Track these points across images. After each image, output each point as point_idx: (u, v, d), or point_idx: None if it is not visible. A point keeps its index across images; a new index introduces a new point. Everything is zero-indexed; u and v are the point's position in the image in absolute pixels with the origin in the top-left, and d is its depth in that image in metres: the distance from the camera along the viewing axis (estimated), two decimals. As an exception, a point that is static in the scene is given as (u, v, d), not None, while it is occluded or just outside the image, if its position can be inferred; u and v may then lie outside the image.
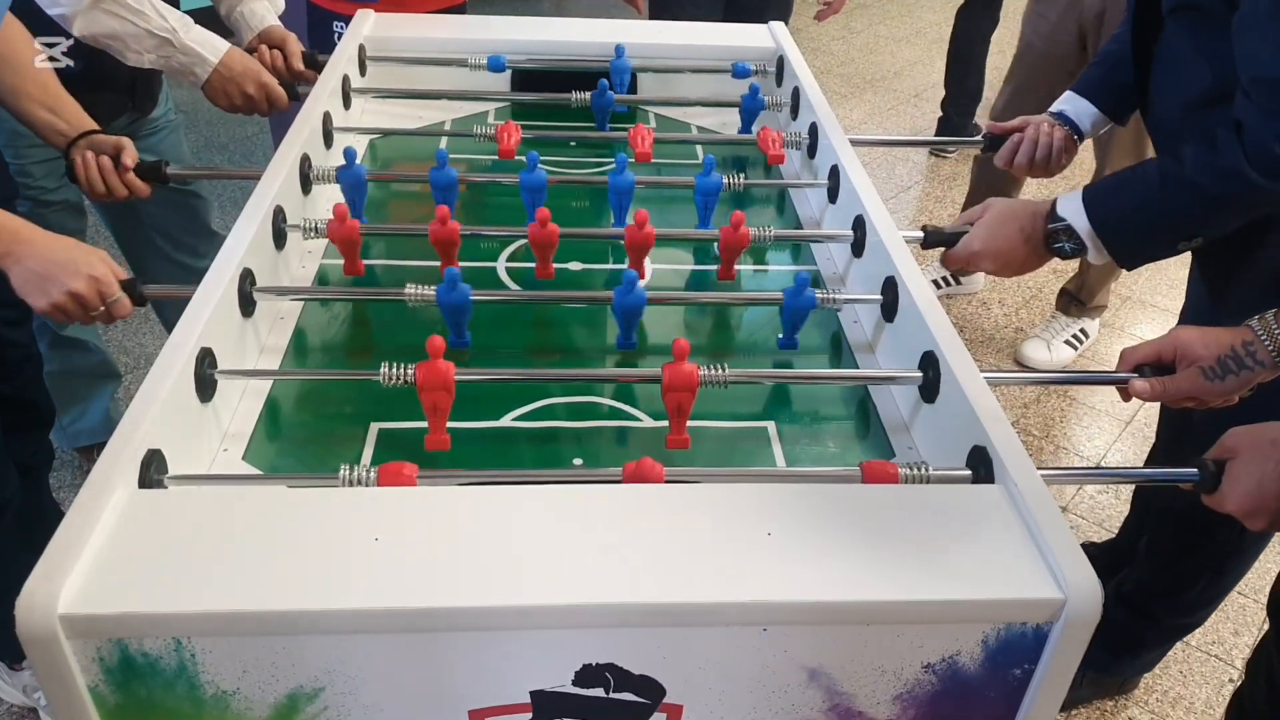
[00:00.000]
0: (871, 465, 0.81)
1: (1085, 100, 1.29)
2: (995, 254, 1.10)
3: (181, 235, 1.68)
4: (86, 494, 0.70)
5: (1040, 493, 0.75)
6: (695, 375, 0.87)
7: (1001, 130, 1.34)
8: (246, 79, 1.37)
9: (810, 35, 4.40)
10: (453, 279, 0.98)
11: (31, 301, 0.96)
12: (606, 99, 1.45)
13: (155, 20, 1.26)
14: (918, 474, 0.81)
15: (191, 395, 0.85)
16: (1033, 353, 2.34)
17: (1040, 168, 1.30)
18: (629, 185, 1.20)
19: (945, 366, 0.90)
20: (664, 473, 0.79)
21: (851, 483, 0.80)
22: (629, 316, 1.03)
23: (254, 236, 1.02)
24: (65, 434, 1.79)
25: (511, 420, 0.96)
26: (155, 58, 1.30)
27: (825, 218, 1.33)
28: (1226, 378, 0.88)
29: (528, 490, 0.73)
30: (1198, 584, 1.38)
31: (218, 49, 1.34)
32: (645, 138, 1.36)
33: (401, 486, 0.76)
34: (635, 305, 1.01)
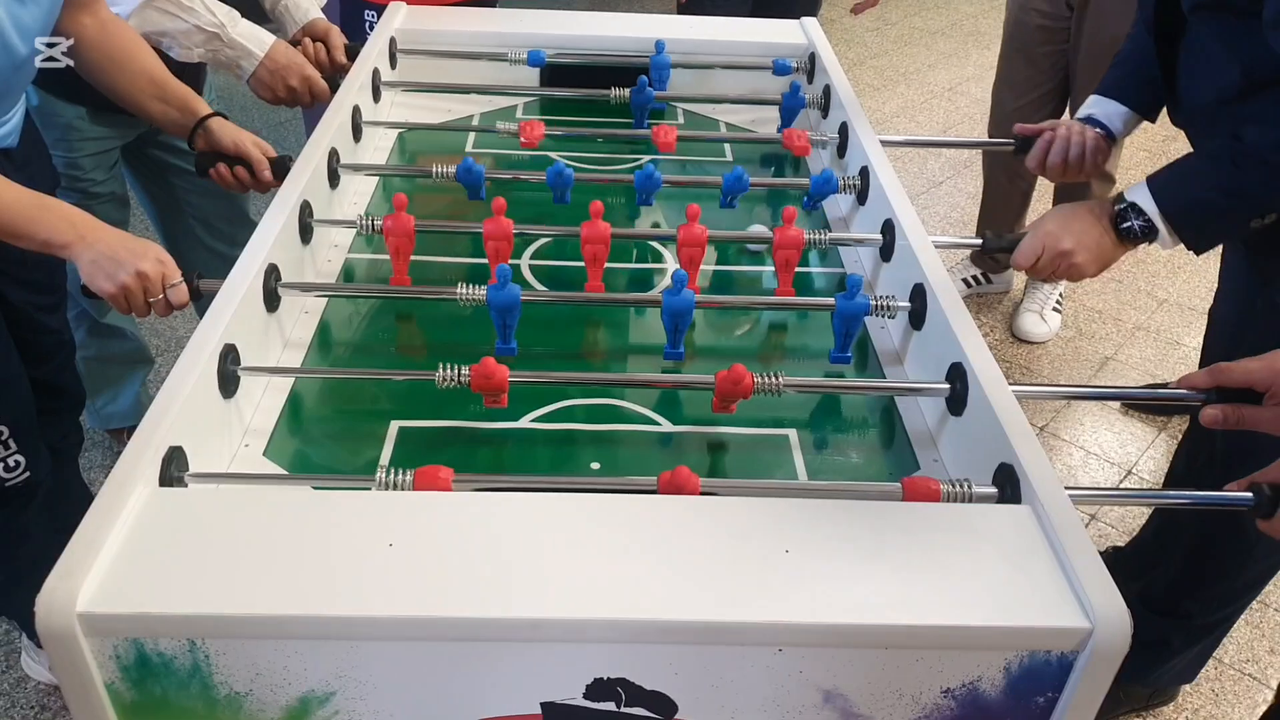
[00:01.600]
0: (914, 482, 0.79)
1: (1113, 101, 1.26)
2: (1074, 233, 1.08)
3: (221, 224, 1.71)
4: (108, 491, 0.70)
5: (1068, 515, 0.73)
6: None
7: (1031, 132, 1.31)
8: (290, 72, 1.38)
9: (844, 27, 4.34)
10: (504, 276, 0.96)
11: (99, 285, 0.98)
12: (646, 95, 1.43)
13: (205, 16, 1.28)
14: (960, 492, 0.79)
15: (214, 391, 0.85)
16: (1031, 327, 2.34)
17: (1074, 169, 1.27)
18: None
19: (974, 379, 0.88)
20: (700, 484, 0.78)
21: (892, 499, 0.78)
22: (678, 320, 0.99)
23: (280, 231, 1.02)
24: (98, 416, 1.82)
25: (530, 421, 0.96)
26: (204, 52, 1.32)
27: (854, 220, 1.30)
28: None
29: (545, 499, 0.73)
30: (1227, 574, 1.34)
31: (264, 43, 1.36)
32: (668, 133, 1.35)
33: (438, 490, 0.76)
34: (684, 308, 0.97)
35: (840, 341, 1.02)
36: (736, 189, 1.21)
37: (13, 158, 1.14)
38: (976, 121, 3.52)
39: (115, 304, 0.99)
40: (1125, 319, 2.49)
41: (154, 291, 0.98)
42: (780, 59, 1.56)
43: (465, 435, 0.94)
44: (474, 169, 1.19)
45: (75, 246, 0.97)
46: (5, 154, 1.13)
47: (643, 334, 1.11)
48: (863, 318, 1.01)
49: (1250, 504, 0.78)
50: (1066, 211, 1.11)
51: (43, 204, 0.97)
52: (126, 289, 0.97)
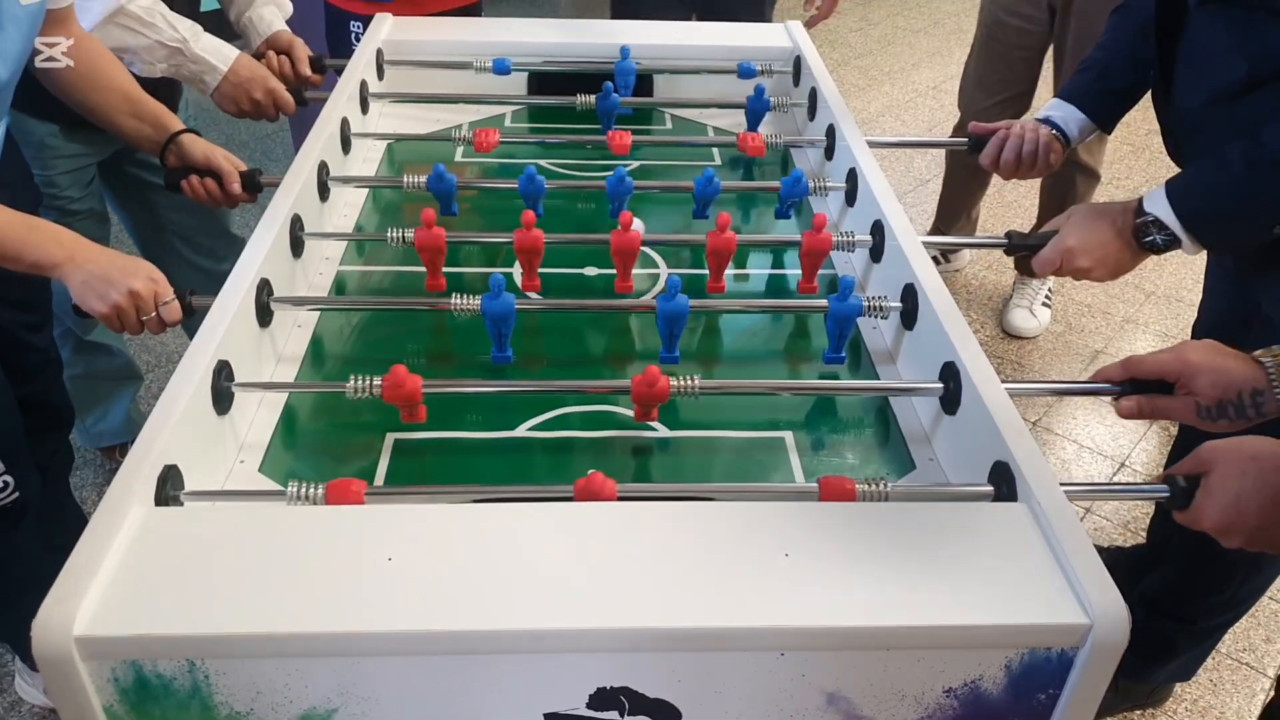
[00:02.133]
0: (829, 481, 0.80)
1: (1073, 106, 1.27)
2: (1091, 249, 1.07)
3: (202, 239, 1.69)
4: (103, 512, 0.70)
5: (1065, 512, 0.74)
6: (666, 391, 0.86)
7: (985, 131, 1.31)
8: (254, 85, 1.38)
9: (828, 27, 4.36)
10: (498, 286, 0.96)
11: (90, 305, 0.97)
12: (611, 102, 1.43)
13: (166, 31, 1.27)
14: (876, 490, 0.79)
15: (209, 408, 0.85)
16: (1021, 323, 2.36)
17: (1026, 167, 1.27)
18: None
19: (966, 378, 0.89)
20: (616, 490, 0.77)
21: (809, 499, 0.78)
22: (673, 325, 1.00)
23: (271, 245, 1.02)
24: (88, 434, 1.81)
25: (527, 430, 0.96)
26: (166, 67, 1.31)
27: (844, 221, 1.31)
28: (1220, 420, 0.83)
29: (541, 508, 0.73)
30: (1233, 580, 1.34)
31: (227, 57, 1.35)
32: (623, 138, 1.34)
33: (349, 505, 0.76)
34: (679, 313, 0.98)
35: (834, 343, 1.03)
36: (708, 193, 1.22)
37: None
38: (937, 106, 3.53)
39: (108, 323, 0.99)
40: (1114, 312, 2.51)
41: (146, 310, 0.97)
42: (745, 62, 1.56)
43: (461, 446, 0.94)
44: (446, 177, 1.19)
45: (65, 267, 0.97)
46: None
47: (643, 339, 1.11)
48: (855, 319, 1.01)
49: (1166, 495, 0.79)
50: (1088, 222, 1.09)
51: (31, 225, 0.97)
52: (119, 308, 0.97)
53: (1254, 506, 0.73)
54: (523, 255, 1.09)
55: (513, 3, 4.57)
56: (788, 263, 1.25)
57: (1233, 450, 0.76)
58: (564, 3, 4.73)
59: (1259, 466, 0.74)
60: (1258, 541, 0.75)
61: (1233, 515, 0.74)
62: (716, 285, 1.12)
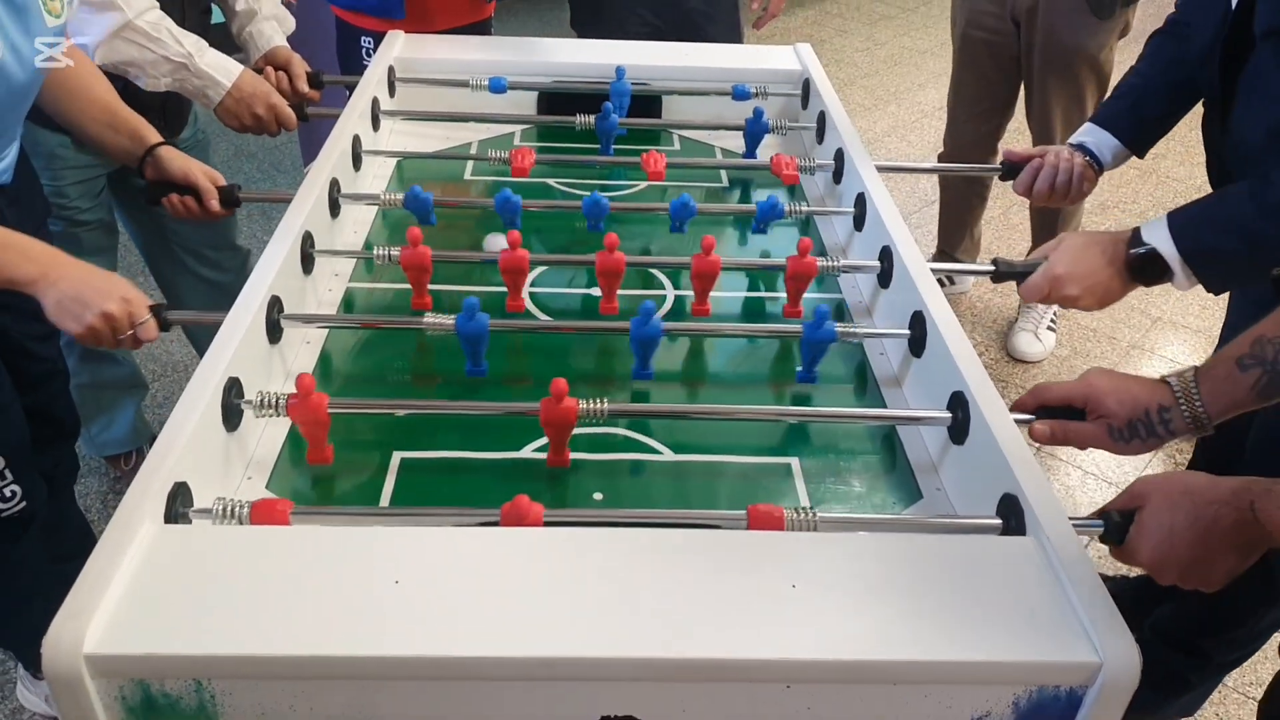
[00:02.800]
0: (757, 510, 0.79)
1: (1106, 132, 1.27)
2: (1080, 278, 1.07)
3: (207, 250, 1.70)
4: (115, 528, 0.70)
5: (1073, 548, 0.74)
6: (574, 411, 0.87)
7: (1019, 157, 1.32)
8: (256, 100, 1.39)
9: (834, 47, 4.39)
10: (471, 308, 0.97)
11: (65, 325, 0.97)
12: (610, 122, 1.44)
13: (172, 47, 1.28)
14: (803, 519, 0.78)
15: (218, 425, 0.85)
16: (1026, 346, 2.37)
17: (1060, 195, 1.28)
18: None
19: (975, 408, 0.89)
20: (542, 514, 0.77)
21: (737, 528, 0.78)
22: (645, 348, 1.02)
23: (283, 263, 1.02)
24: (93, 443, 1.81)
25: (532, 451, 0.96)
26: (171, 81, 1.32)
27: (851, 245, 1.31)
28: (1133, 441, 0.84)
29: (551, 534, 0.73)
30: (1249, 617, 1.33)
31: (231, 72, 1.37)
32: (658, 161, 1.35)
33: (275, 525, 0.76)
34: (651, 337, 1.00)
35: (807, 364, 1.05)
36: (683, 215, 1.23)
37: (7, 193, 1.14)
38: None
39: (83, 342, 0.99)
40: (1120, 337, 2.51)
41: (121, 330, 0.97)
42: (740, 84, 1.57)
43: (468, 466, 0.94)
44: (420, 195, 1.20)
45: (39, 285, 0.96)
46: (1, 190, 1.13)
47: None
48: (828, 345, 1.02)
49: (1100, 529, 0.78)
50: (1078, 250, 1.08)
51: (5, 243, 0.96)
52: (93, 330, 0.96)
53: (1186, 540, 0.73)
54: (508, 275, 1.10)
55: (521, 17, 4.60)
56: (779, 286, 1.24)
57: (1165, 483, 0.76)
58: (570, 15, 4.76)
59: (1191, 500, 0.73)
60: (1191, 577, 0.74)
61: (1165, 550, 0.74)
62: (701, 308, 1.13)
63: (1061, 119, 2.11)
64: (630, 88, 1.52)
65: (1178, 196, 2.20)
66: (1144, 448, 0.84)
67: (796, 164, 1.38)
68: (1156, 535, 0.74)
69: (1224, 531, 0.72)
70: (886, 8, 4.96)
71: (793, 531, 0.77)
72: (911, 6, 4.99)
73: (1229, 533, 0.72)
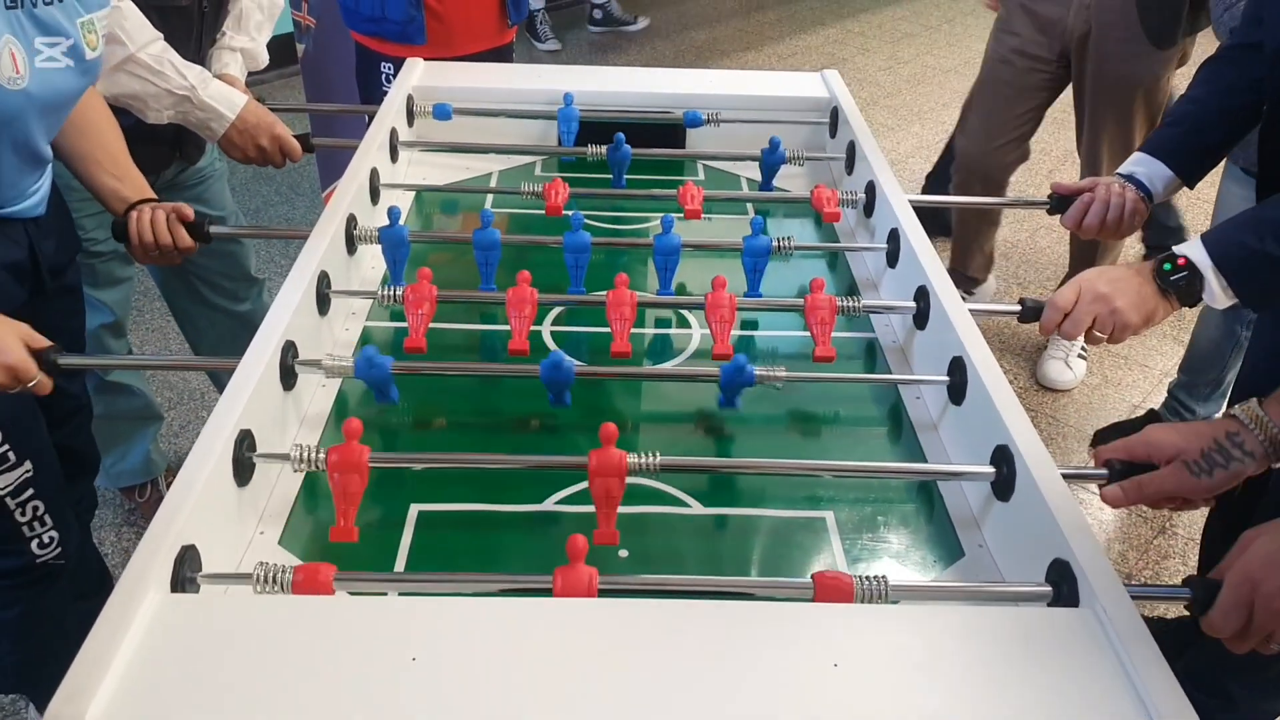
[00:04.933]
0: (824, 578, 0.74)
1: (1159, 162, 1.22)
2: (1113, 279, 1.02)
3: (221, 281, 1.69)
4: (117, 599, 0.67)
5: (1132, 621, 0.69)
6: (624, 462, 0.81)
7: (1069, 191, 1.28)
8: (260, 131, 1.37)
9: (857, 66, 4.35)
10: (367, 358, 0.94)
11: None
12: (624, 152, 1.40)
13: (175, 80, 1.26)
14: (875, 589, 0.73)
15: (229, 481, 0.82)
16: (1056, 375, 2.31)
17: (1111, 229, 1.23)
18: (674, 247, 1.16)
19: (1021, 465, 0.84)
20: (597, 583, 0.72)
21: (804, 599, 0.73)
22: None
23: (298, 305, 0.99)
24: (107, 475, 1.79)
25: (554, 504, 0.92)
26: (174, 114, 1.30)
27: (884, 282, 1.27)
28: (1214, 472, 0.79)
29: (579, 606, 0.69)
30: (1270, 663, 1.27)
31: (235, 104, 1.34)
32: (695, 196, 1.31)
33: (318, 595, 0.71)
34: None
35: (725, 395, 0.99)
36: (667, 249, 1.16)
37: (41, 226, 1.12)
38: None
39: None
40: (1152, 365, 2.44)
41: (11, 389, 0.91)
42: (690, 111, 1.51)
43: (487, 519, 0.90)
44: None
45: None
46: (35, 222, 1.11)
47: (666, 403, 1.07)
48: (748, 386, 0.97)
49: (1188, 597, 0.74)
50: (1104, 271, 1.06)
51: None
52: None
53: None
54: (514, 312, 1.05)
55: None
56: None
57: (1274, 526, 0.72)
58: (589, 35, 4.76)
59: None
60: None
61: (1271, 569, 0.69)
62: (723, 350, 1.05)
63: (1108, 150, 2.07)
64: (578, 113, 1.47)
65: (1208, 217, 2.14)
66: (1226, 479, 0.80)
67: (838, 199, 1.31)
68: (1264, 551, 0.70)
69: None
70: (909, 25, 4.93)
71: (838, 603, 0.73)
72: (934, 25, 4.95)
73: None
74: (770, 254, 1.18)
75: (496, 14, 1.86)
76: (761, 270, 1.18)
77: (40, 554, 1.16)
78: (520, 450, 0.98)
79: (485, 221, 1.15)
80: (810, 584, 0.74)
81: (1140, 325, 1.03)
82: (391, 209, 1.15)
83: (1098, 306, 1.02)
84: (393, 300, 1.08)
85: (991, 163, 2.23)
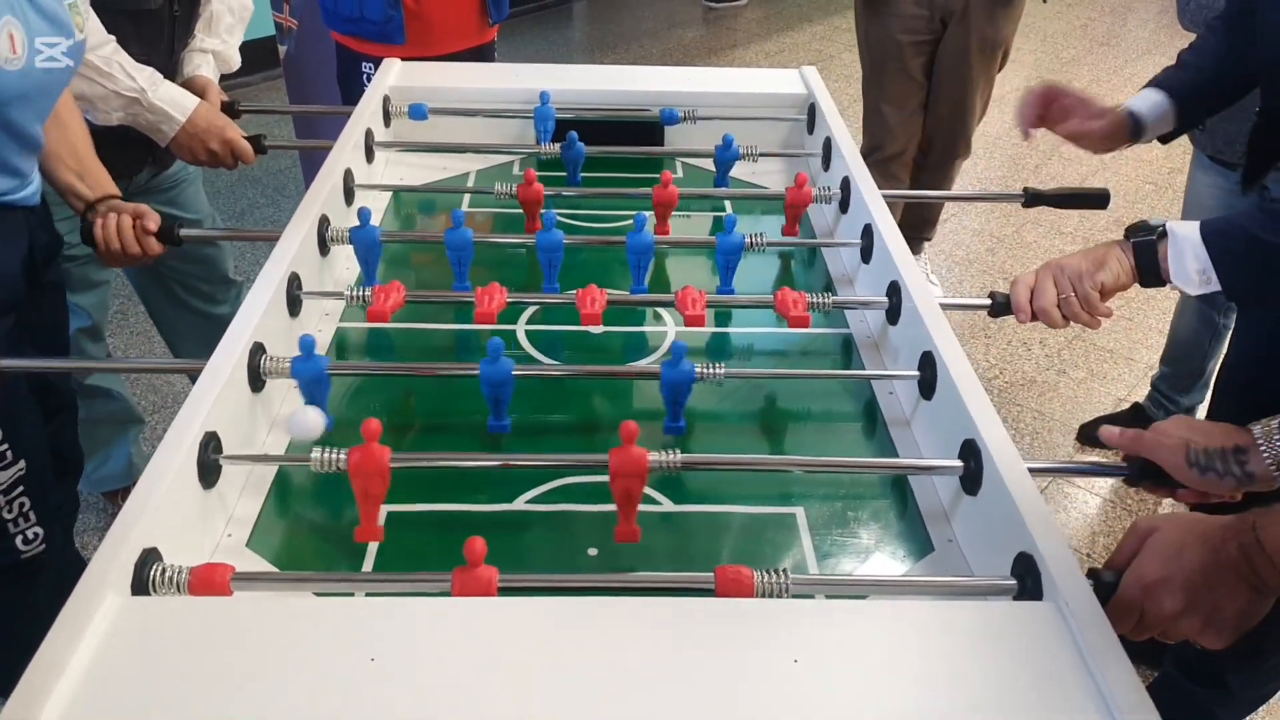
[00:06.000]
0: (725, 572, 0.73)
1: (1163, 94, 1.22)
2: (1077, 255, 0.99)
3: (199, 284, 1.68)
4: (74, 604, 0.67)
5: (1095, 613, 0.69)
6: (644, 460, 0.81)
7: None
8: (210, 135, 1.36)
9: (844, 63, 4.35)
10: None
11: None
12: (577, 150, 1.40)
13: (123, 81, 1.25)
14: (775, 583, 0.73)
15: (194, 484, 0.82)
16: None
17: None
18: (647, 245, 1.15)
19: (988, 459, 0.84)
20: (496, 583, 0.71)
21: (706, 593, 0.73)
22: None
23: (267, 307, 0.99)
24: (89, 479, 1.79)
25: (524, 504, 0.92)
26: (123, 116, 1.29)
27: (859, 277, 1.27)
28: (1207, 474, 0.80)
29: (548, 604, 0.69)
30: (1263, 651, 1.28)
31: (185, 107, 1.33)
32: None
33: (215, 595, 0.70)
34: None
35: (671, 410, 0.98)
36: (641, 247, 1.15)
37: (37, 215, 1.12)
38: (980, 156, 3.50)
39: None
40: (1138, 359, 2.45)
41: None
42: (667, 109, 1.51)
43: (457, 519, 0.90)
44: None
45: None
46: (30, 211, 1.10)
47: (644, 401, 1.07)
48: (689, 386, 0.96)
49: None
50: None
51: None
52: None
53: (1196, 561, 0.69)
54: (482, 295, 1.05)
55: (527, 37, 4.60)
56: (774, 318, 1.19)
57: (1174, 516, 0.74)
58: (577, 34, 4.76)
59: (1202, 525, 0.72)
60: (1200, 605, 0.69)
61: (1173, 568, 0.70)
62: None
63: (980, 103, 2.35)
64: (554, 112, 1.47)
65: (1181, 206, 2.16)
66: (1212, 486, 0.80)
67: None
68: (1165, 552, 0.71)
69: (1232, 560, 0.69)
70: (895, 22, 4.92)
71: (782, 598, 0.73)
72: (920, 20, 4.95)
73: (1237, 561, 0.69)
74: (743, 251, 1.18)
75: (477, 13, 1.85)
76: (734, 267, 1.18)
77: (24, 550, 1.15)
78: (488, 449, 0.98)
79: (457, 221, 1.15)
80: (712, 578, 0.74)
81: (1091, 269, 0.99)
82: (362, 210, 1.15)
83: (1050, 269, 1.01)
84: (363, 301, 1.07)
85: (904, 133, 2.37)
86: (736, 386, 1.09)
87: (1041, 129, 1.30)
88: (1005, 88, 4.10)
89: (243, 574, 0.73)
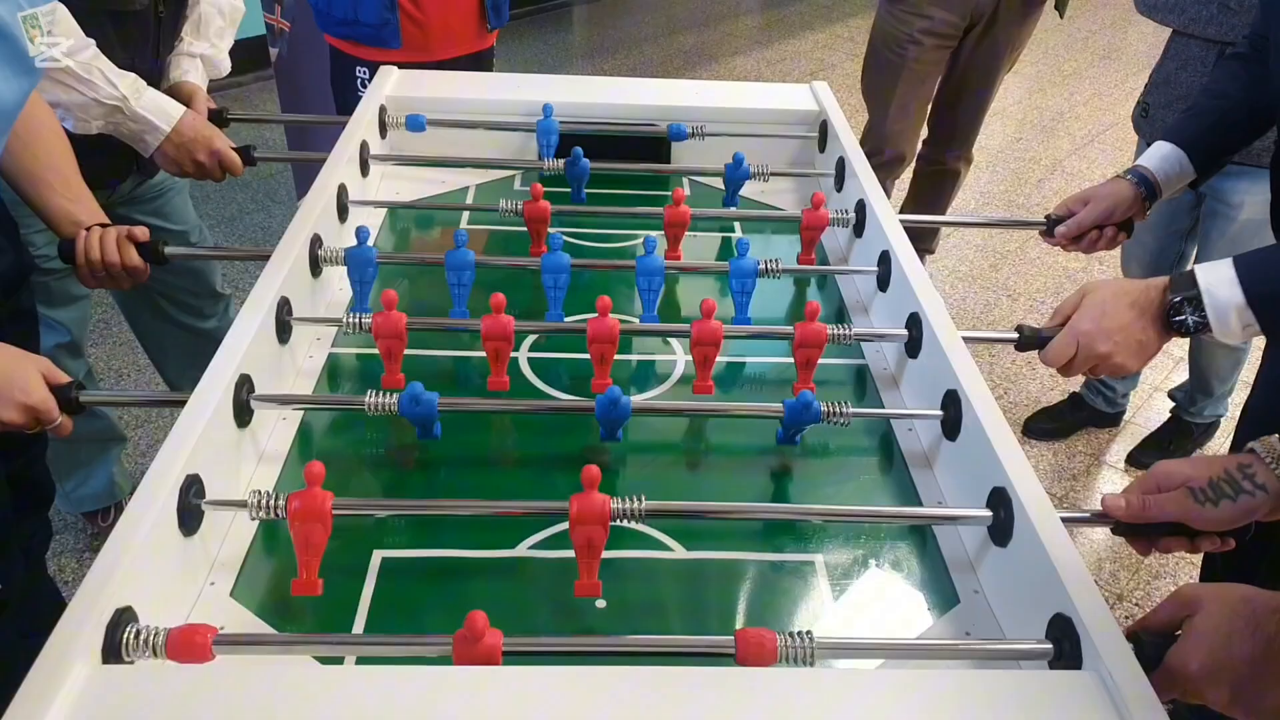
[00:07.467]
0: (746, 637, 0.68)
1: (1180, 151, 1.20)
2: (1110, 332, 0.96)
3: (186, 298, 1.62)
4: (40, 671, 0.61)
5: (1140, 684, 0.64)
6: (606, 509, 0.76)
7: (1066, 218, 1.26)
8: (197, 146, 1.29)
9: (845, 72, 4.32)
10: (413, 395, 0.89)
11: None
12: (582, 166, 1.34)
13: (104, 89, 1.18)
14: (799, 647, 0.68)
15: (174, 532, 0.76)
16: None
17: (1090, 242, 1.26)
18: (658, 269, 1.10)
19: (1019, 509, 0.80)
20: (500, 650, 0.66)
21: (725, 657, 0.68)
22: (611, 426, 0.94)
23: (255, 334, 0.94)
24: (69, 499, 1.72)
25: (527, 549, 0.87)
26: (104, 124, 1.22)
27: (874, 306, 1.22)
28: (1221, 503, 0.75)
29: (547, 675, 0.64)
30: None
31: (170, 116, 1.26)
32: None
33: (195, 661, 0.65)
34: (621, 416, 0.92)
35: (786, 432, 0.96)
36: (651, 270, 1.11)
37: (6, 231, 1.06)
38: (983, 170, 3.47)
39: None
40: (1144, 380, 2.41)
41: (29, 430, 0.85)
42: (674, 124, 1.47)
43: (456, 566, 0.85)
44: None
45: None
46: None
47: (650, 434, 1.02)
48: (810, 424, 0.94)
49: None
50: (1105, 304, 0.98)
51: None
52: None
53: (1245, 652, 0.64)
54: (489, 344, 0.99)
55: (525, 40, 4.55)
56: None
57: (1222, 590, 0.68)
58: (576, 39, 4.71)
59: (1251, 607, 0.66)
60: (1244, 698, 0.64)
61: (1221, 659, 0.65)
62: (704, 384, 1.01)
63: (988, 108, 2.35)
64: (558, 126, 1.42)
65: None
66: (1234, 513, 0.75)
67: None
68: (1212, 640, 0.66)
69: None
70: (895, 31, 4.89)
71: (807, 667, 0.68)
72: (920, 29, 4.92)
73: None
74: (757, 275, 1.13)
75: (476, 18, 1.81)
76: (749, 292, 1.13)
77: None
78: (492, 489, 0.93)
79: (459, 242, 1.10)
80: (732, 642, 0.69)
81: (1139, 368, 1.00)
82: (360, 229, 1.10)
83: (1094, 361, 0.98)
84: (359, 328, 1.02)
85: (914, 139, 2.35)
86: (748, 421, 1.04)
87: None
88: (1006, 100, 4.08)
89: (225, 636, 0.68)
